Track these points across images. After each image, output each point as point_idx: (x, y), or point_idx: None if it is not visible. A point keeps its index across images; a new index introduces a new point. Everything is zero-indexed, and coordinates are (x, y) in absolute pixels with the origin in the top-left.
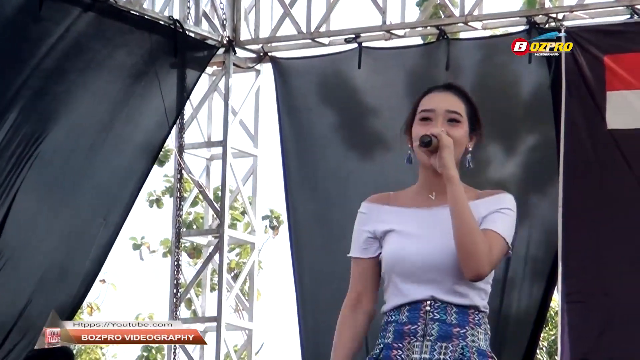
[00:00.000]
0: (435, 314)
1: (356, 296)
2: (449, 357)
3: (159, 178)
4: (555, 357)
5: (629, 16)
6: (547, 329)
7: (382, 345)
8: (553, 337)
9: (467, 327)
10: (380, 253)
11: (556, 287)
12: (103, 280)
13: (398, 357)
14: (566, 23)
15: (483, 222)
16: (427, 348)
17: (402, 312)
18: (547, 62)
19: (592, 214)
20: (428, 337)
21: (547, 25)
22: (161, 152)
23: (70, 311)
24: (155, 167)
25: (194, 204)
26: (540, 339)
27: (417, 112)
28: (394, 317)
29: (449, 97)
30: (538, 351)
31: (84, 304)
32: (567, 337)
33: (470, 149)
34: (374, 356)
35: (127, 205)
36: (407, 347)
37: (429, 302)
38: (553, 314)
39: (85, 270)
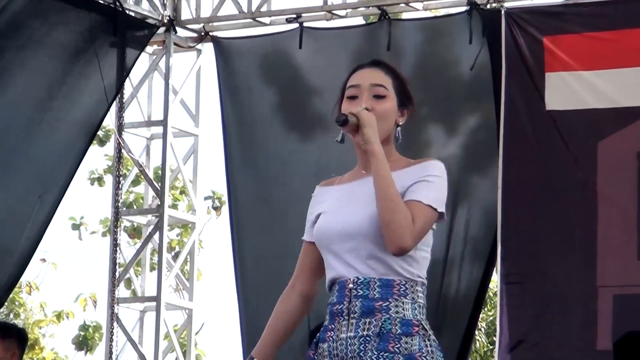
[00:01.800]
0: (359, 290)
1: (294, 276)
2: (372, 332)
3: (100, 157)
4: (494, 338)
5: None
6: (485, 309)
7: (323, 328)
8: (492, 318)
9: (390, 300)
10: None
11: (495, 268)
12: (43, 260)
13: (331, 338)
14: (506, 4)
15: (407, 193)
16: (352, 326)
17: (333, 293)
18: (488, 43)
19: (531, 194)
20: (352, 315)
21: (487, 7)
22: (102, 132)
23: (6, 289)
24: (97, 147)
25: (136, 183)
26: (479, 319)
27: (345, 90)
28: (330, 299)
29: (374, 72)
30: (477, 332)
31: (23, 283)
32: (506, 317)
33: (400, 123)
34: (315, 340)
35: (64, 183)
36: (337, 327)
37: (352, 279)
38: (492, 295)
39: (21, 249)
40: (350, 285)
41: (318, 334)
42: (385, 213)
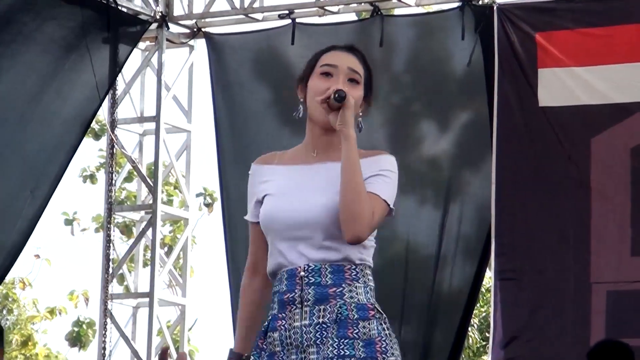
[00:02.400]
0: (310, 277)
1: (253, 261)
2: (328, 319)
3: (93, 153)
4: (487, 334)
5: None
6: (478, 306)
7: (270, 317)
8: (485, 314)
9: (343, 285)
10: None
11: (489, 264)
12: (37, 256)
13: (282, 326)
14: (498, 0)
15: (366, 184)
16: (307, 314)
17: (281, 281)
18: (480, 39)
19: (524, 191)
20: (306, 303)
21: (480, 3)
22: (98, 126)
23: None
24: (91, 141)
25: (129, 179)
26: (472, 316)
27: (317, 66)
28: (276, 287)
29: (351, 58)
30: (470, 328)
31: (17, 279)
32: (500, 314)
33: (360, 113)
34: (264, 328)
35: (56, 178)
36: (289, 316)
37: (303, 267)
38: (485, 291)
39: (11, 243)
40: (302, 273)
41: (266, 323)
42: (352, 203)
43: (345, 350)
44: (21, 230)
